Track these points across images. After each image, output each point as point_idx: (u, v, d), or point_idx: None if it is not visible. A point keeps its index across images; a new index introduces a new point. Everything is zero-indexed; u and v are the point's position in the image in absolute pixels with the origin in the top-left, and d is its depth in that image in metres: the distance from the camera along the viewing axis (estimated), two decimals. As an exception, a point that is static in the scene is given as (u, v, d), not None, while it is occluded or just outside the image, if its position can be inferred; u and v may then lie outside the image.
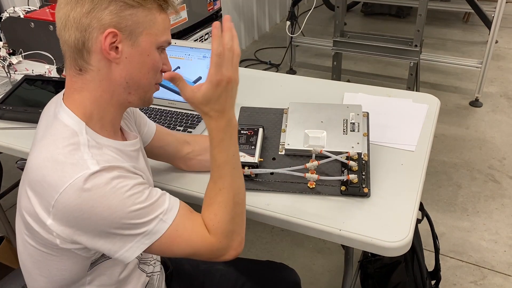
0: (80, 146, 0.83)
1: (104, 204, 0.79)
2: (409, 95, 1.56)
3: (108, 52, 0.84)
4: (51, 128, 0.87)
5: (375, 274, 1.68)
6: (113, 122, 0.93)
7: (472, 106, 3.15)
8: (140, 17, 0.85)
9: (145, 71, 0.89)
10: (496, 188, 2.43)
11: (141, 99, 0.93)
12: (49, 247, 0.85)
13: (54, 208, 0.79)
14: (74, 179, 0.78)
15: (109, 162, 0.82)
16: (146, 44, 0.87)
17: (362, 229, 1.04)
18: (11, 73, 1.77)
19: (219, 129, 0.91)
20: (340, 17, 3.06)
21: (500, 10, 2.81)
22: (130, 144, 0.97)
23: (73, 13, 0.83)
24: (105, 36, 0.83)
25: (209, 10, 2.66)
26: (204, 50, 1.50)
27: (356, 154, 1.16)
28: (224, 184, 0.92)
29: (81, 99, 0.88)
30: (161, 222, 0.84)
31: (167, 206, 0.86)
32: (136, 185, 0.83)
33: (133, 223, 0.81)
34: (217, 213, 0.90)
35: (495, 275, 1.96)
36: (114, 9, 0.83)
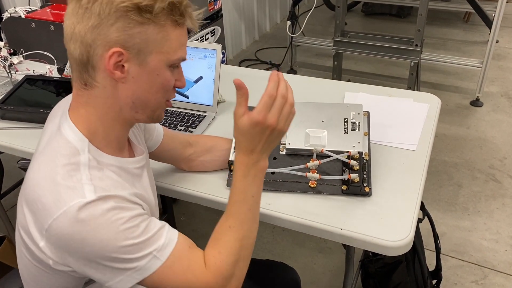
0: (80, 166, 0.80)
1: (96, 237, 0.75)
2: (410, 94, 1.56)
3: (112, 71, 0.79)
4: (53, 142, 0.83)
5: (376, 274, 1.68)
6: (119, 139, 0.89)
7: (473, 106, 3.15)
8: (150, 34, 0.78)
9: (154, 91, 0.84)
10: (497, 187, 2.43)
11: (149, 117, 0.89)
12: (43, 264, 0.82)
13: (47, 232, 0.76)
14: (69, 206, 0.74)
15: (107, 191, 0.78)
16: (156, 64, 0.81)
17: (363, 229, 1.04)
18: (12, 73, 1.77)
19: (243, 163, 0.89)
20: (340, 17, 3.06)
21: (501, 9, 2.81)
22: (135, 161, 0.93)
23: (78, 26, 0.78)
24: (109, 55, 0.77)
25: (210, 10, 2.66)
26: (205, 50, 1.50)
27: (357, 154, 1.16)
28: (235, 222, 0.88)
29: (86, 114, 0.84)
30: (154, 259, 0.79)
31: (162, 242, 0.81)
32: (133, 218, 0.78)
33: (124, 257, 0.77)
34: (221, 251, 0.85)
35: (496, 275, 1.96)
36: (122, 26, 0.77)
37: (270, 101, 0.85)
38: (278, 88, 0.86)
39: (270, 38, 4.41)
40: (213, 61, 1.50)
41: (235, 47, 4.07)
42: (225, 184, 1.20)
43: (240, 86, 0.88)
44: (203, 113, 1.51)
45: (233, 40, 4.01)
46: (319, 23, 4.54)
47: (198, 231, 2.28)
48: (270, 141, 0.88)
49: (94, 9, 0.76)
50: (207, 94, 1.52)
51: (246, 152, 0.88)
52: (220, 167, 1.24)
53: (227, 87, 1.65)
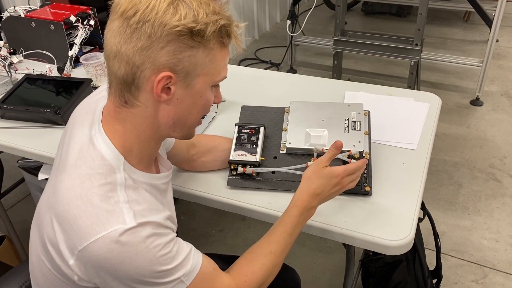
0: (117, 186, 0.79)
1: (133, 263, 0.75)
2: (410, 93, 1.56)
3: (160, 94, 0.78)
4: (87, 156, 0.81)
5: (377, 273, 1.68)
6: (151, 156, 0.90)
7: (473, 105, 3.14)
8: (199, 58, 0.78)
9: (195, 111, 0.85)
10: (497, 187, 2.43)
11: (184, 135, 0.90)
12: (66, 277, 0.81)
13: (80, 253, 0.76)
14: (108, 232, 0.73)
15: (145, 216, 0.77)
16: (202, 86, 0.82)
17: (364, 228, 1.04)
18: (12, 72, 1.77)
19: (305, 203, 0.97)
20: (340, 16, 3.05)
21: (501, 9, 2.81)
22: (163, 177, 0.93)
23: (126, 46, 0.76)
24: (158, 79, 0.76)
25: (210, 9, 2.65)
26: (205, 49, 1.50)
27: (357, 153, 1.16)
28: (276, 250, 0.92)
29: (123, 131, 0.83)
30: (180, 283, 0.80)
31: (189, 267, 0.82)
32: (168, 244, 0.79)
33: (155, 281, 0.78)
34: (255, 272, 0.89)
35: (496, 274, 1.96)
36: (172, 49, 0.75)
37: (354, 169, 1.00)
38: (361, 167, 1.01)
39: (270, 37, 4.41)
40: (213, 60, 1.49)
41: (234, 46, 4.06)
42: (225, 183, 1.20)
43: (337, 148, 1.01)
44: (203, 112, 1.51)
45: (233, 39, 4.01)
46: (319, 22, 4.54)
47: (197, 230, 2.28)
48: (331, 194, 0.99)
49: (144, 31, 0.75)
50: (207, 93, 1.51)
51: (312, 194, 0.97)
52: (221, 166, 1.24)
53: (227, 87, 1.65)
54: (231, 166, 1.19)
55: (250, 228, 2.26)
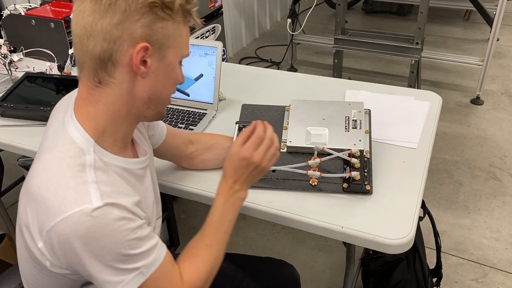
0: (86, 167, 0.80)
1: (98, 244, 0.76)
2: (411, 92, 1.56)
3: (138, 66, 0.80)
4: (58, 142, 0.83)
5: (377, 272, 1.68)
6: (125, 137, 0.90)
7: (473, 104, 3.14)
8: (169, 30, 0.82)
9: (168, 85, 0.88)
10: (497, 186, 2.43)
11: (158, 113, 0.91)
12: (40, 265, 0.83)
13: (47, 234, 0.77)
14: (74, 211, 0.74)
15: (113, 198, 0.78)
16: (173, 58, 0.85)
17: (364, 227, 1.04)
18: (12, 70, 1.77)
19: (225, 189, 0.97)
20: (341, 15, 3.05)
21: (502, 7, 2.80)
22: (138, 162, 0.94)
23: (101, 22, 0.77)
24: (137, 50, 0.79)
25: (210, 8, 2.66)
26: (206, 47, 1.50)
27: (358, 152, 1.16)
28: (212, 242, 0.94)
29: (94, 113, 0.84)
30: (140, 275, 0.81)
31: (152, 259, 0.83)
32: (135, 229, 0.80)
33: (117, 266, 0.79)
34: (199, 267, 0.90)
35: (497, 273, 1.96)
36: (147, 21, 0.79)
37: (258, 141, 0.96)
38: (266, 131, 0.97)
39: (270, 36, 4.40)
40: (214, 59, 1.49)
41: (235, 44, 4.06)
42: (225, 182, 1.20)
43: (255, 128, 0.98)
44: (204, 110, 1.51)
45: (233, 37, 4.00)
46: (319, 21, 4.53)
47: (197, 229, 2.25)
48: (253, 176, 0.97)
49: (119, 6, 0.77)
50: (208, 91, 1.52)
51: (230, 181, 0.97)
52: (221, 165, 1.24)
53: (227, 85, 1.65)
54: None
55: (250, 227, 2.26)
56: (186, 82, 1.53)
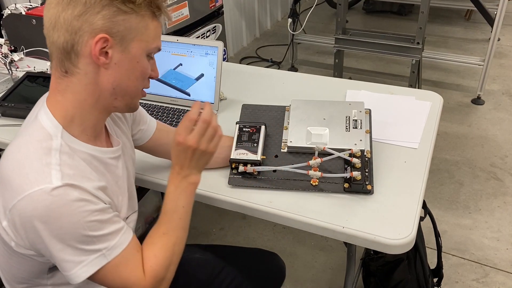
0: (51, 150, 0.82)
1: (57, 223, 0.78)
2: (412, 92, 1.56)
3: (98, 57, 0.83)
4: (29, 127, 0.87)
5: (378, 272, 1.68)
6: (95, 127, 0.91)
7: (474, 104, 3.14)
8: (132, 23, 0.84)
9: (134, 78, 0.88)
10: (498, 186, 2.42)
11: (127, 105, 0.93)
12: (7, 246, 0.86)
13: (10, 212, 0.80)
14: (34, 190, 0.77)
15: (73, 179, 0.81)
16: (137, 51, 0.86)
17: (365, 227, 1.04)
18: (12, 70, 1.77)
19: (174, 176, 0.97)
20: (342, 14, 3.05)
21: (503, 7, 2.80)
22: (109, 151, 0.96)
23: (64, 14, 0.81)
24: (96, 41, 0.81)
25: (211, 7, 2.66)
26: (206, 47, 1.50)
27: (359, 151, 1.16)
28: (168, 230, 0.94)
29: (63, 102, 0.87)
30: (102, 257, 0.83)
31: (115, 242, 0.85)
32: (96, 212, 0.82)
33: (78, 246, 0.81)
34: (157, 255, 0.91)
35: (497, 273, 1.96)
36: (107, 14, 0.81)
37: (190, 124, 0.94)
38: (203, 114, 0.95)
39: (271, 35, 4.40)
40: (215, 59, 1.49)
41: (235, 44, 4.06)
42: (226, 182, 1.20)
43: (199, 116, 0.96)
44: (204, 110, 1.51)
45: (234, 37, 4.00)
46: (320, 21, 4.53)
47: (198, 229, 2.27)
48: (197, 159, 0.96)
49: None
50: (208, 91, 1.51)
51: (176, 167, 0.97)
52: (221, 164, 1.24)
53: (228, 85, 1.65)
54: (232, 165, 1.19)
55: (250, 227, 2.26)
56: (187, 82, 1.53)
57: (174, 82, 1.55)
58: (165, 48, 1.52)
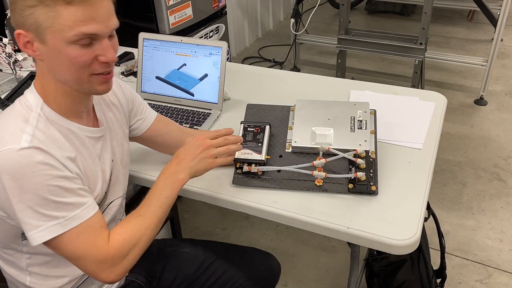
0: (29, 119, 0.88)
1: (19, 183, 0.83)
2: (416, 93, 1.56)
3: (25, 50, 0.88)
4: (16, 101, 0.94)
5: (381, 272, 1.68)
6: (69, 107, 0.95)
7: (477, 105, 3.13)
8: (40, 15, 0.83)
9: (64, 67, 0.88)
10: (501, 186, 2.42)
11: (80, 90, 0.94)
12: None
13: None
14: (4, 149, 0.83)
15: (42, 144, 0.86)
16: (54, 42, 0.85)
17: (370, 227, 1.04)
18: (16, 69, 1.77)
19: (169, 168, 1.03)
20: (344, 15, 3.04)
21: (506, 8, 2.79)
22: (89, 131, 0.99)
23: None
24: (16, 36, 0.87)
25: (214, 8, 2.66)
26: (210, 47, 1.50)
27: (363, 152, 1.16)
28: (145, 213, 0.98)
29: (40, 82, 0.94)
30: (59, 225, 0.86)
31: (74, 214, 0.88)
32: (60, 178, 0.86)
33: (37, 209, 0.85)
34: (127, 231, 0.94)
35: (501, 274, 1.96)
36: (18, 9, 0.85)
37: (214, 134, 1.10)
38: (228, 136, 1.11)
39: (273, 35, 4.40)
40: (219, 59, 1.49)
41: (238, 44, 4.06)
42: (230, 181, 1.20)
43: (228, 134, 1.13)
44: (208, 110, 1.51)
45: (237, 37, 4.00)
46: (322, 21, 4.53)
47: (201, 228, 2.27)
48: (198, 161, 1.04)
49: None
50: (212, 91, 1.51)
51: (176, 160, 1.04)
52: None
53: (231, 85, 1.65)
54: (237, 164, 1.19)
55: (253, 227, 2.26)
56: (191, 82, 1.53)
57: (178, 82, 1.55)
58: (169, 48, 1.52)
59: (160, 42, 1.51)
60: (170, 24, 2.36)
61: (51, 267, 1.00)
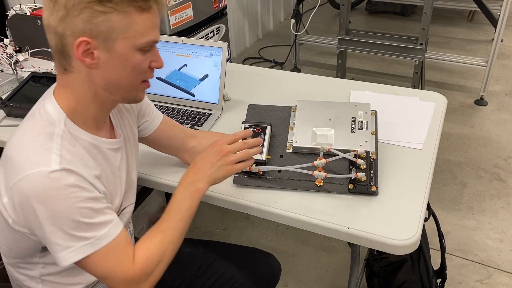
0: (54, 136, 0.86)
1: (51, 205, 0.81)
2: (416, 93, 1.56)
3: (82, 59, 0.84)
4: (36, 113, 0.91)
5: (381, 272, 1.68)
6: (97, 118, 0.94)
7: (477, 105, 3.14)
8: (114, 22, 0.82)
9: (125, 74, 0.88)
10: (501, 186, 2.42)
11: (125, 98, 0.94)
12: (6, 221, 0.90)
13: (11, 190, 0.84)
14: (33, 171, 0.81)
15: (72, 165, 0.84)
16: (123, 49, 0.85)
17: (370, 227, 1.04)
18: (17, 70, 1.77)
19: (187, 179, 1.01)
20: (345, 15, 3.05)
21: (506, 8, 2.80)
22: (110, 142, 0.98)
23: (51, 18, 0.84)
24: (76, 45, 0.83)
25: (215, 8, 2.66)
26: (211, 48, 1.50)
27: (364, 152, 1.16)
28: (167, 227, 0.96)
29: (65, 94, 0.90)
30: (89, 245, 0.86)
31: (103, 232, 0.87)
32: (90, 199, 0.85)
33: (68, 231, 0.84)
34: (150, 249, 0.93)
35: (501, 274, 1.96)
36: (86, 16, 0.81)
37: (232, 138, 1.04)
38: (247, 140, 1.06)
39: (273, 36, 4.40)
40: (219, 59, 1.49)
41: (238, 45, 4.06)
42: (230, 181, 1.20)
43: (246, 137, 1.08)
44: (209, 111, 1.51)
45: (237, 38, 4.01)
46: (323, 21, 4.53)
47: (201, 229, 2.28)
48: (216, 169, 1.01)
49: (61, 1, 0.82)
50: (213, 92, 1.52)
51: (194, 169, 1.01)
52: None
53: (232, 85, 1.65)
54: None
55: (254, 227, 2.27)
56: (191, 82, 1.53)
57: (178, 83, 1.55)
58: (170, 48, 1.53)
59: (161, 42, 1.52)
60: (171, 24, 2.37)
61: (64, 275, 0.99)
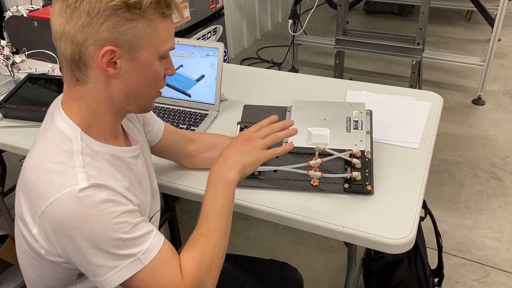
0: (74, 153, 0.81)
1: (87, 226, 0.76)
2: (412, 93, 1.56)
3: (106, 69, 0.80)
4: (47, 133, 0.85)
5: (378, 272, 1.68)
6: (112, 129, 0.91)
7: (475, 104, 3.14)
8: (140, 30, 0.79)
9: (145, 83, 0.86)
10: (499, 186, 2.43)
11: (140, 108, 0.91)
12: (37, 254, 0.84)
13: (40, 219, 0.78)
14: (62, 194, 0.75)
15: (100, 179, 0.79)
16: (147, 57, 0.83)
17: (365, 227, 1.04)
18: (14, 72, 1.78)
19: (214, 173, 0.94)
20: (342, 15, 3.05)
21: (503, 8, 2.80)
22: (129, 150, 0.94)
23: (68, 26, 0.78)
24: (102, 54, 0.78)
25: (212, 9, 2.66)
26: (207, 48, 1.50)
27: (359, 152, 1.17)
28: (206, 230, 0.90)
29: (78, 108, 0.85)
30: (137, 261, 0.80)
31: (148, 245, 0.81)
32: (125, 213, 0.80)
33: (111, 251, 0.78)
34: (195, 257, 0.86)
35: (498, 273, 1.96)
36: (112, 24, 0.77)
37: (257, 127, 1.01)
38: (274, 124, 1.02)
39: (271, 36, 4.41)
40: (215, 60, 1.50)
41: (236, 45, 4.07)
42: (227, 182, 1.20)
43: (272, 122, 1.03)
44: (205, 111, 1.52)
45: (235, 38, 4.01)
46: (320, 22, 4.54)
47: (200, 230, 2.28)
48: (244, 154, 0.96)
49: (82, 8, 0.76)
50: (209, 92, 1.52)
51: (221, 158, 0.96)
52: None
53: (229, 86, 1.66)
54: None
55: (252, 227, 2.27)
56: (188, 83, 1.54)
57: (175, 83, 1.56)
58: (166, 49, 1.53)
59: (157, 43, 1.52)
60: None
61: None
